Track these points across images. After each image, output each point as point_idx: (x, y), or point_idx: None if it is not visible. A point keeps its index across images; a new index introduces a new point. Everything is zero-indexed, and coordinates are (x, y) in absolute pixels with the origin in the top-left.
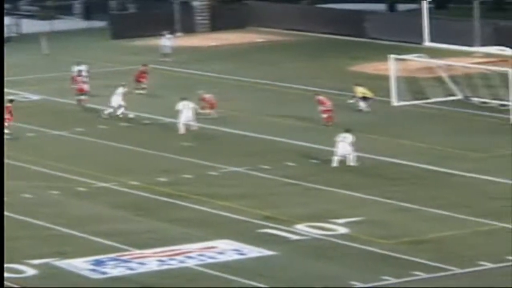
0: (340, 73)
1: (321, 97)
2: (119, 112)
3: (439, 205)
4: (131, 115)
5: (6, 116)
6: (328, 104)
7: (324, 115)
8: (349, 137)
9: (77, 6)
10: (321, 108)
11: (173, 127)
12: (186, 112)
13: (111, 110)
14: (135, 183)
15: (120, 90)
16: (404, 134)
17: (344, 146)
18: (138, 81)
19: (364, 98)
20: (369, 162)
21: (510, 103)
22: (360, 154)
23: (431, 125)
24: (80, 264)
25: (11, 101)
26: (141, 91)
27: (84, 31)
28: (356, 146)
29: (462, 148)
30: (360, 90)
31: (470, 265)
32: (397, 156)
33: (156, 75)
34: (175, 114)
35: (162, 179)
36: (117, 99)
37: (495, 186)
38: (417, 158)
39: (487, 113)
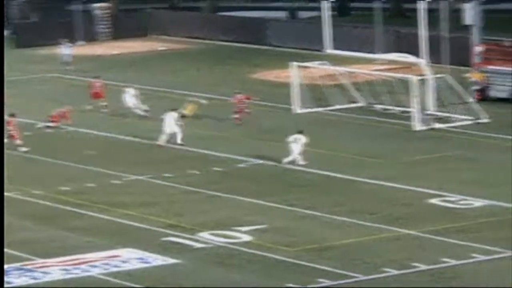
0: (242, 81)
1: (239, 96)
2: None
3: (343, 212)
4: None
5: None
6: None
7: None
8: (301, 138)
9: None
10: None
11: (75, 135)
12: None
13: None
14: (38, 192)
15: None
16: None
17: (295, 147)
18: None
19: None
20: (273, 169)
21: (412, 110)
22: (263, 162)
23: (333, 132)
24: None
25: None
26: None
27: None
28: (265, 152)
29: (365, 155)
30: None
31: (374, 272)
32: (296, 163)
33: (58, 83)
34: (77, 122)
35: (65, 188)
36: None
37: (399, 193)
38: (320, 165)
39: (390, 120)
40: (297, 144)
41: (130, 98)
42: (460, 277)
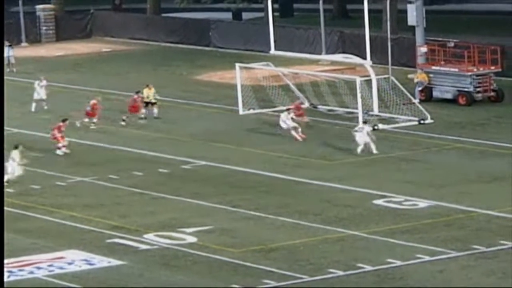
0: (185, 82)
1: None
2: None
3: (287, 213)
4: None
5: None
6: None
7: None
8: (364, 127)
9: None
10: None
11: (19, 137)
12: None
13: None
14: None
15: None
16: (250, 142)
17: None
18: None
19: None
20: (216, 171)
21: (357, 111)
22: (207, 163)
23: (275, 133)
24: None
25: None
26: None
27: None
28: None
29: (310, 156)
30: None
31: (320, 273)
32: (243, 165)
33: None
34: (22, 124)
35: (9, 190)
36: None
37: (344, 194)
38: (264, 166)
39: (334, 121)
40: (361, 133)
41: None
42: (405, 277)
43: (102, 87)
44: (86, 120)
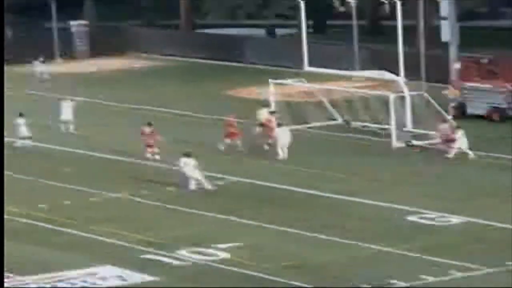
0: (218, 98)
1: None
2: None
3: (321, 229)
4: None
5: None
6: None
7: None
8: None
9: None
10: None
11: (51, 153)
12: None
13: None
14: (14, 209)
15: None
16: (281, 158)
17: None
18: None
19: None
20: (249, 186)
21: (390, 127)
22: (240, 179)
23: (312, 150)
24: None
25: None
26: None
27: None
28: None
29: (343, 171)
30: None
31: None
32: (276, 180)
33: (34, 101)
34: (56, 140)
35: (41, 205)
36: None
37: (378, 210)
38: (295, 182)
39: (367, 137)
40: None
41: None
42: None
43: (133, 103)
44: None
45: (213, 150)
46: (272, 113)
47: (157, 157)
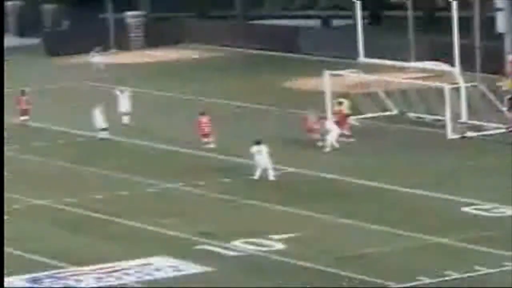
0: (273, 89)
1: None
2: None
3: (375, 220)
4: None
5: None
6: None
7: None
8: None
9: (11, 23)
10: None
11: (108, 144)
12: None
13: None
14: (71, 200)
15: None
16: (337, 149)
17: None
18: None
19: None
20: (304, 178)
21: (445, 118)
22: (296, 170)
23: (365, 140)
24: (16, 282)
25: None
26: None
27: (17, 48)
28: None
29: (398, 163)
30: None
31: (408, 280)
32: (331, 171)
33: (90, 92)
34: (114, 130)
35: (98, 196)
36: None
37: (432, 201)
38: (351, 173)
39: (423, 128)
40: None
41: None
42: (491, 285)
43: (188, 94)
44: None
45: (269, 141)
46: (340, 103)
47: (212, 146)
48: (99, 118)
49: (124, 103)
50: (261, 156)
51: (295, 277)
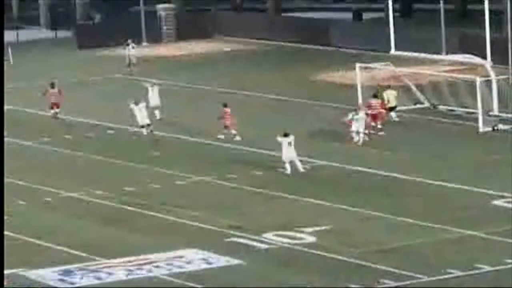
0: (305, 82)
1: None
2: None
3: (405, 213)
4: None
5: None
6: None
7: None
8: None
9: (43, 16)
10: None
11: (139, 137)
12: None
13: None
14: (102, 193)
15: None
16: (368, 142)
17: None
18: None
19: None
20: (335, 170)
21: (476, 111)
22: (327, 163)
23: (396, 133)
24: (48, 274)
25: None
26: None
27: (49, 41)
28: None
29: (429, 156)
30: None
31: (438, 273)
32: (362, 164)
33: (122, 85)
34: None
35: (129, 189)
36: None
37: (462, 194)
38: (382, 166)
39: (454, 121)
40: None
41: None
42: None
43: (221, 87)
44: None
45: (301, 134)
46: (375, 96)
47: (238, 138)
48: (140, 114)
49: (154, 97)
50: (289, 148)
51: (326, 270)
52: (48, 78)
